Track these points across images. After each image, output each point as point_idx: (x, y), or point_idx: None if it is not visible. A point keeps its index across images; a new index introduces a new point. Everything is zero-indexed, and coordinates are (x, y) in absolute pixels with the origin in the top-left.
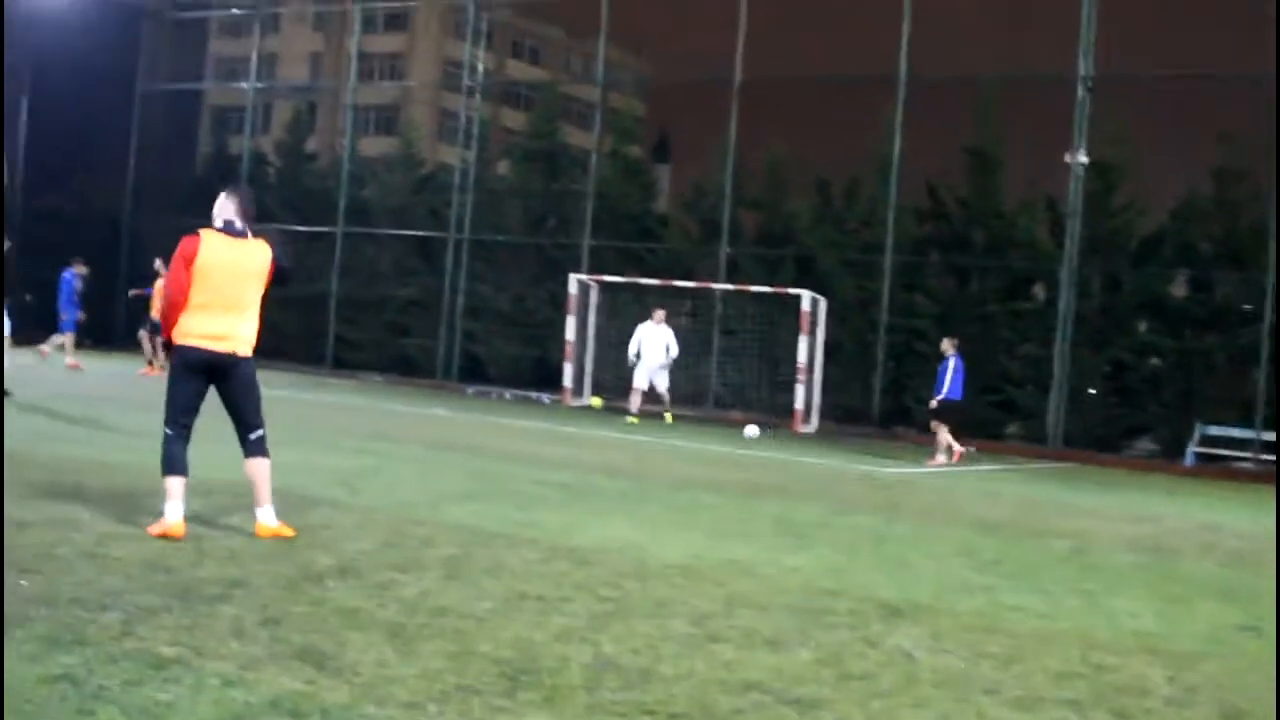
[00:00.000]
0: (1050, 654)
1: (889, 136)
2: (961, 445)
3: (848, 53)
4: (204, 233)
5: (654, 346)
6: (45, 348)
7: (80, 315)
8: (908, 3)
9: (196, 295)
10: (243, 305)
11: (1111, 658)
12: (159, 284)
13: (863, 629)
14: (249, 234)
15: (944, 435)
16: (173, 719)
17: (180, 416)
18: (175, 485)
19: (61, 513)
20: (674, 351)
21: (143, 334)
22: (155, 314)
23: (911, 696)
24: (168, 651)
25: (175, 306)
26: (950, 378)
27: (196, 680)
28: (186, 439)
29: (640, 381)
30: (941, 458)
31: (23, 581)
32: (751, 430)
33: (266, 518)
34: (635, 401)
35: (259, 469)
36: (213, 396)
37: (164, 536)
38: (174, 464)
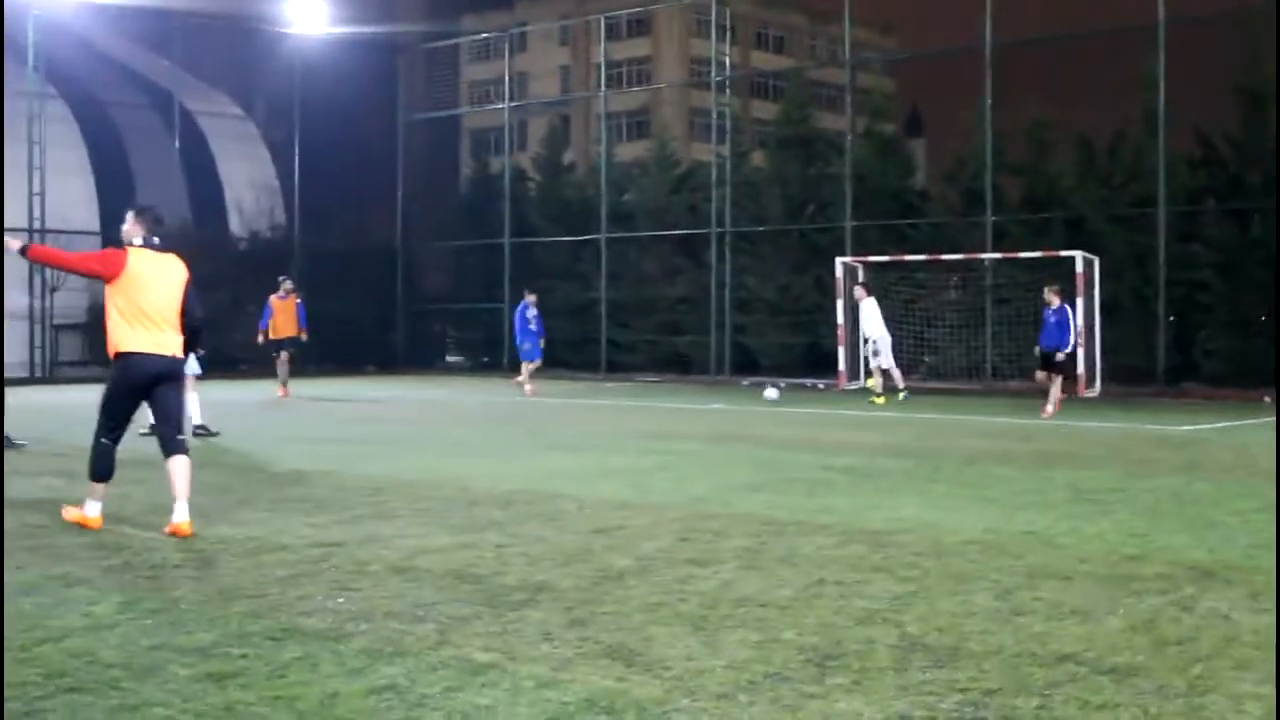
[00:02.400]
0: None
1: (1152, 85)
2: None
3: (1101, 3)
4: (129, 249)
5: (870, 323)
6: (520, 379)
7: (541, 343)
8: None
9: (137, 309)
10: (174, 313)
11: None
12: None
13: (1174, 593)
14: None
15: (1058, 387)
16: None
17: (117, 427)
18: (101, 488)
19: (370, 531)
20: (870, 330)
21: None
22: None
23: (1233, 659)
24: (482, 657)
25: (68, 262)
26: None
27: (513, 684)
28: (117, 446)
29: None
30: (1051, 408)
31: (340, 599)
32: (771, 392)
33: (182, 514)
34: (879, 381)
35: (183, 466)
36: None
37: (80, 524)
38: (105, 471)
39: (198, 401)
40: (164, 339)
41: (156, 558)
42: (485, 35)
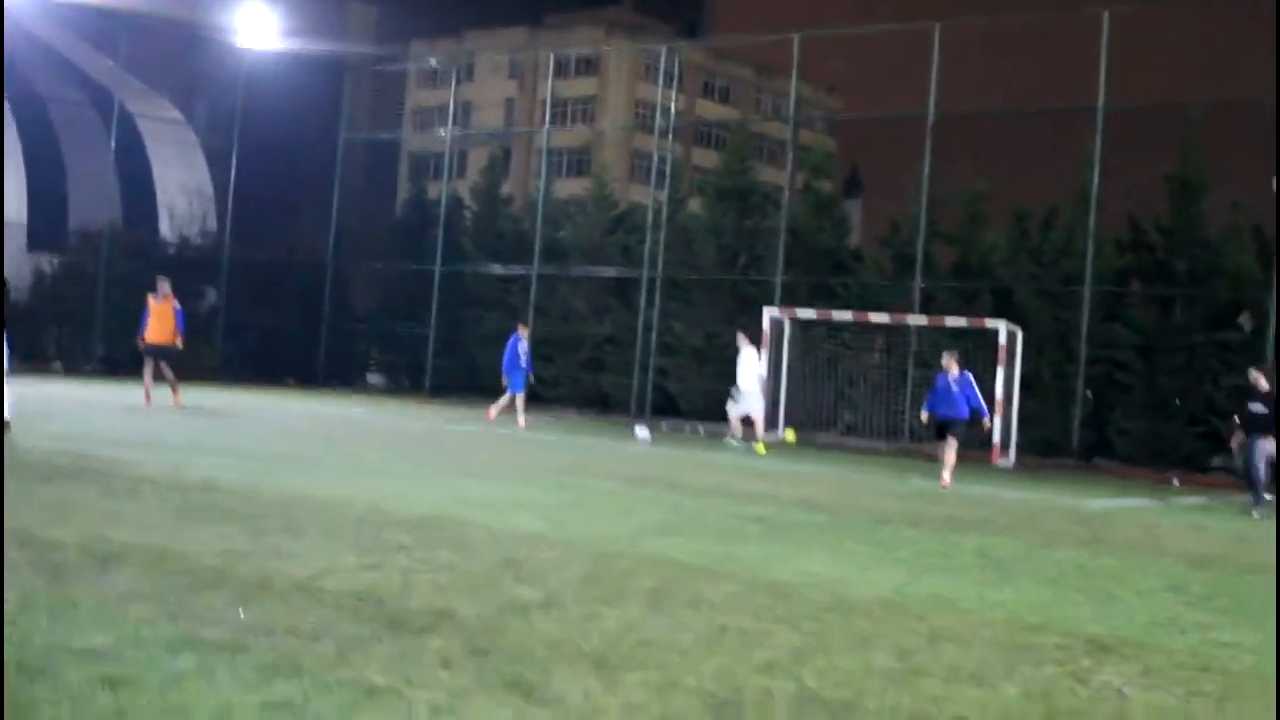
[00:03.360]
0: (1268, 694)
1: (1088, 167)
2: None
3: (1044, 85)
4: None
5: (748, 371)
6: (491, 412)
7: (531, 379)
8: (1105, 32)
9: None
10: None
11: None
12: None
13: (1071, 664)
14: None
15: (954, 454)
16: None
17: None
18: None
19: (277, 545)
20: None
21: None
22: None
23: None
24: (379, 680)
25: None
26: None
27: (408, 710)
28: None
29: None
30: (949, 476)
31: (241, 612)
32: (642, 432)
33: None
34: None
35: None
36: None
37: None
38: None
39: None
40: None
41: (58, 557)
42: (434, 62)
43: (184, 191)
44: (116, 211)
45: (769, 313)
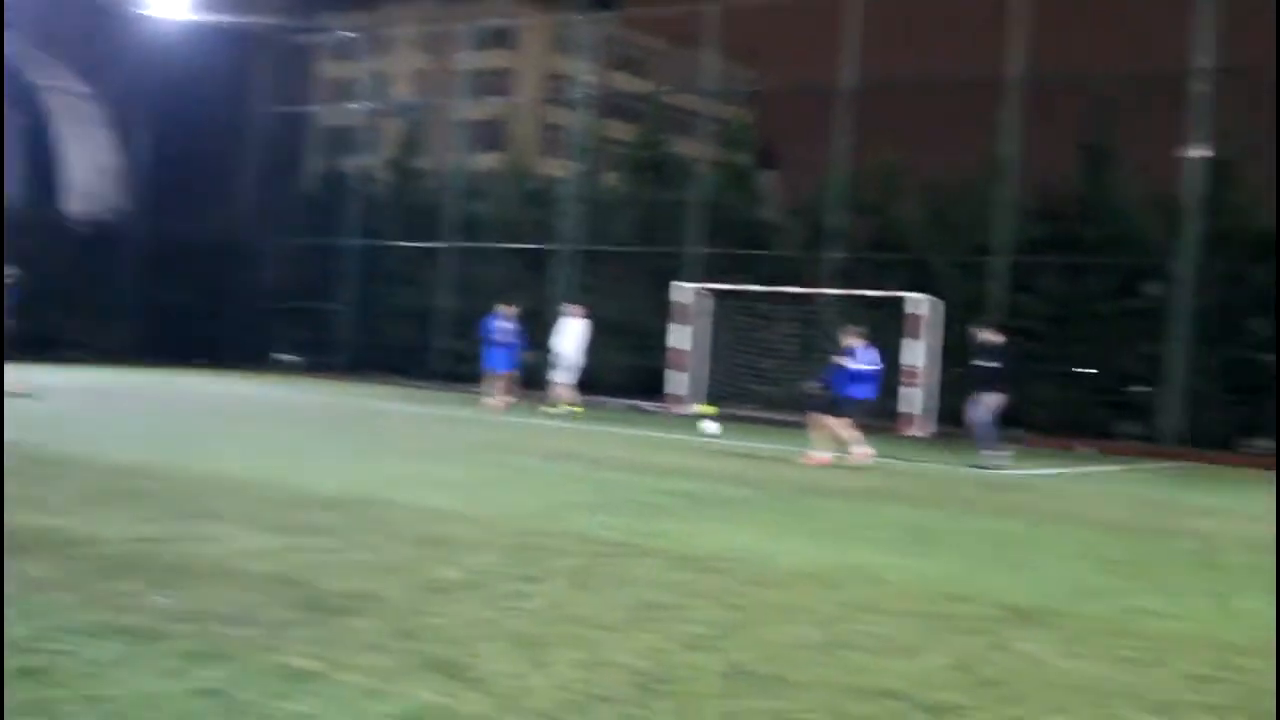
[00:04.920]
0: (1186, 657)
1: (1002, 137)
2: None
3: (959, 55)
4: None
5: (571, 340)
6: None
7: (522, 355)
8: (1021, 2)
9: None
10: None
11: (1248, 660)
12: None
13: (993, 633)
14: None
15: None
16: None
17: None
18: None
19: (196, 529)
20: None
21: None
22: None
23: (1049, 702)
24: (305, 664)
25: None
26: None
27: (335, 693)
28: None
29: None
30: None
31: (160, 598)
32: (711, 427)
33: None
34: (572, 395)
35: None
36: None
37: None
38: None
39: None
40: None
41: None
42: (346, 34)
43: (92, 167)
44: (19, 188)
45: (686, 286)
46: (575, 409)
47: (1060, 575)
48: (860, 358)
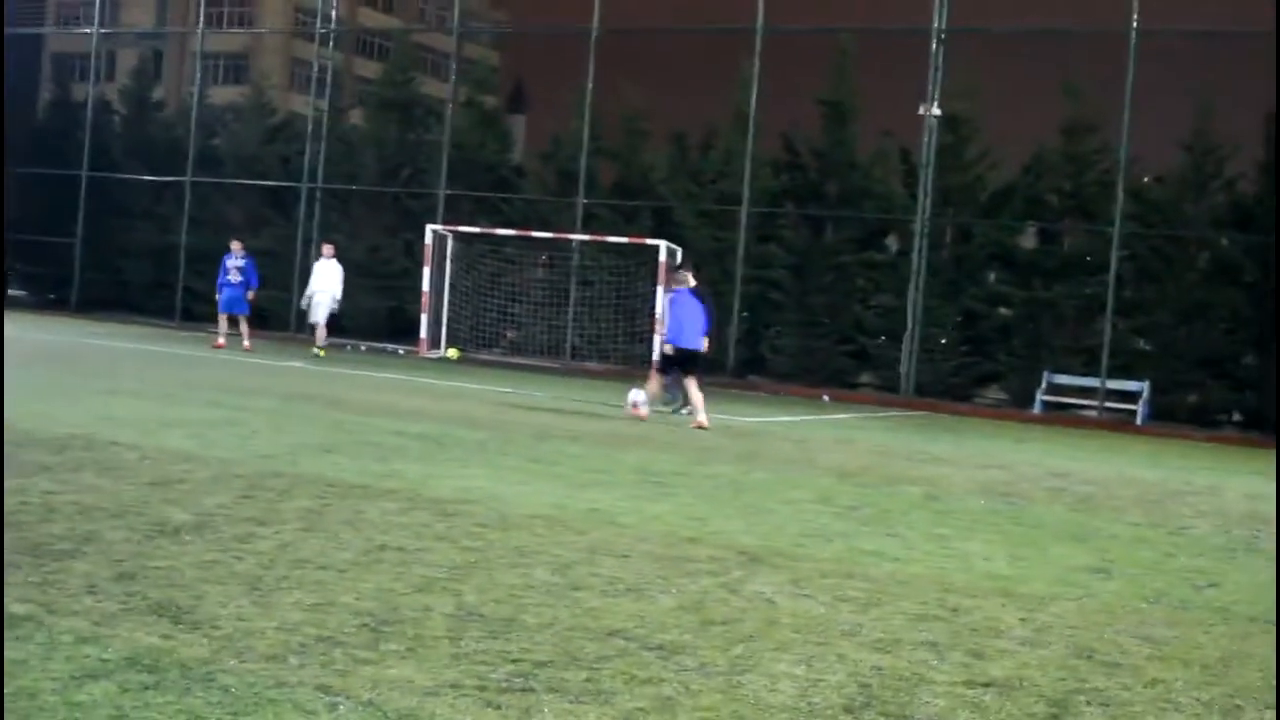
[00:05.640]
0: (907, 597)
1: (745, 88)
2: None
3: (705, 5)
4: None
5: (326, 281)
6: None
7: (249, 295)
8: None
9: None
10: None
11: (967, 600)
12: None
13: (724, 575)
14: None
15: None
16: (26, 677)
17: None
18: None
19: None
20: (337, 290)
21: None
22: None
23: (773, 641)
24: (18, 609)
25: None
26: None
27: (49, 638)
28: None
29: (314, 315)
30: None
31: None
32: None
33: None
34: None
35: None
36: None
37: None
38: None
39: None
40: None
41: None
42: None
43: None
44: None
45: (431, 228)
46: (319, 350)
47: (793, 519)
48: (682, 304)
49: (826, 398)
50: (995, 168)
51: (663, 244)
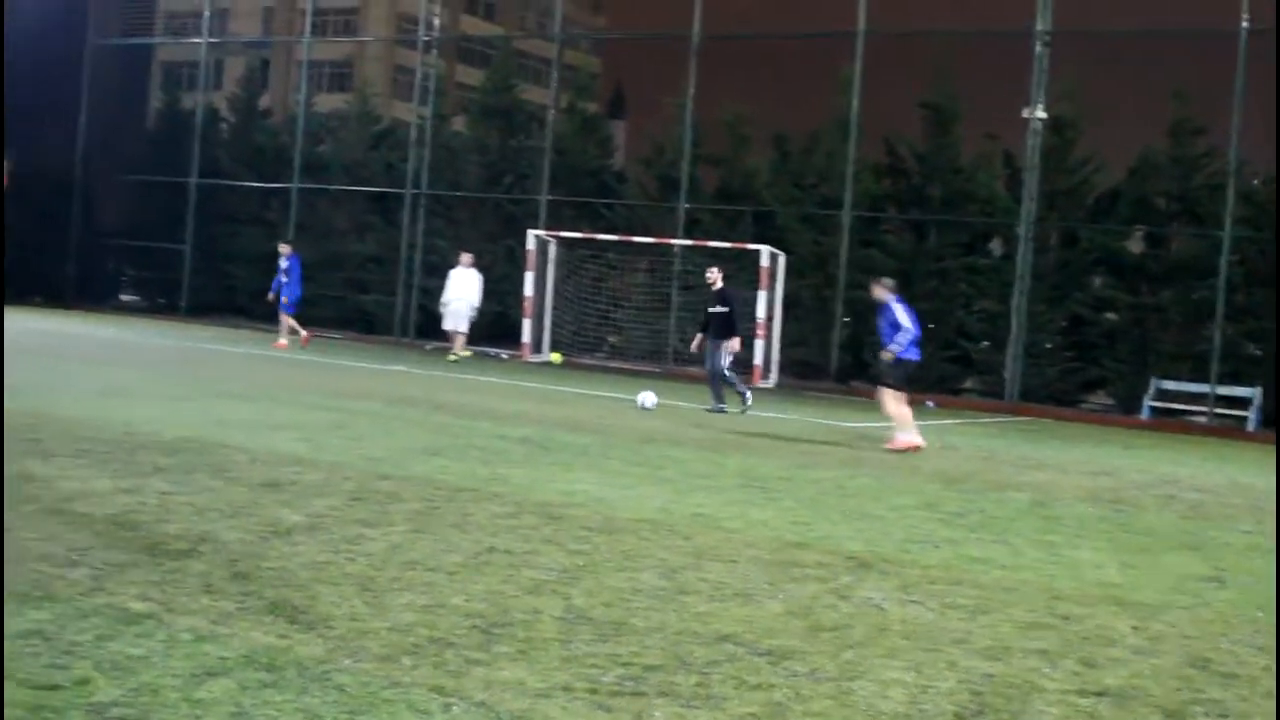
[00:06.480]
0: (1017, 605)
1: (847, 91)
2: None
3: (806, 9)
4: None
5: (463, 289)
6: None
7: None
8: None
9: None
10: None
11: (1078, 608)
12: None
13: (831, 581)
14: None
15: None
16: (146, 673)
17: None
18: None
19: (26, 469)
20: (476, 299)
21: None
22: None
23: (882, 647)
24: (138, 607)
25: None
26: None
27: (169, 635)
28: None
29: (450, 323)
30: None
31: None
32: (648, 398)
33: None
34: (458, 342)
35: None
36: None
37: None
38: None
39: None
40: None
41: None
42: None
43: None
44: None
45: (533, 233)
46: (461, 355)
47: (898, 525)
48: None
49: (930, 403)
50: (1101, 170)
51: (765, 249)
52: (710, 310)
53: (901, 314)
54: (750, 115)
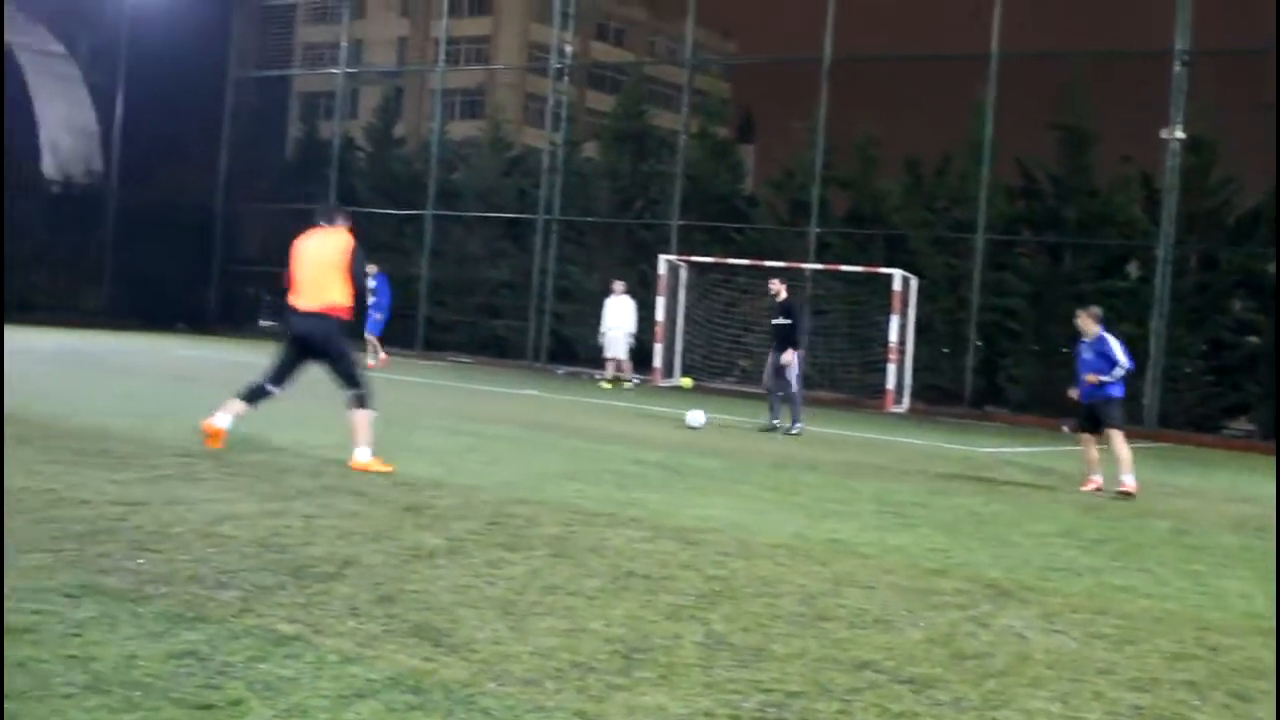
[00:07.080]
0: (1163, 635)
1: (980, 114)
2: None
3: (937, 30)
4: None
5: (618, 318)
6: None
7: (378, 316)
8: None
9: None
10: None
11: (1226, 639)
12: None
13: (972, 609)
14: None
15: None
16: (296, 694)
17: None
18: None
19: (175, 493)
20: (631, 325)
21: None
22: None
23: (1026, 677)
24: (287, 628)
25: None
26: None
27: (317, 657)
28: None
29: (609, 351)
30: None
31: (140, 560)
32: (697, 417)
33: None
34: (609, 369)
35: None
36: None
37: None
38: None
39: None
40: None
41: None
42: None
43: (68, 128)
44: None
45: (665, 258)
46: (623, 382)
47: (1037, 552)
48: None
49: (1066, 428)
50: (1241, 191)
51: (897, 273)
52: (774, 322)
53: (1117, 347)
54: (881, 138)
